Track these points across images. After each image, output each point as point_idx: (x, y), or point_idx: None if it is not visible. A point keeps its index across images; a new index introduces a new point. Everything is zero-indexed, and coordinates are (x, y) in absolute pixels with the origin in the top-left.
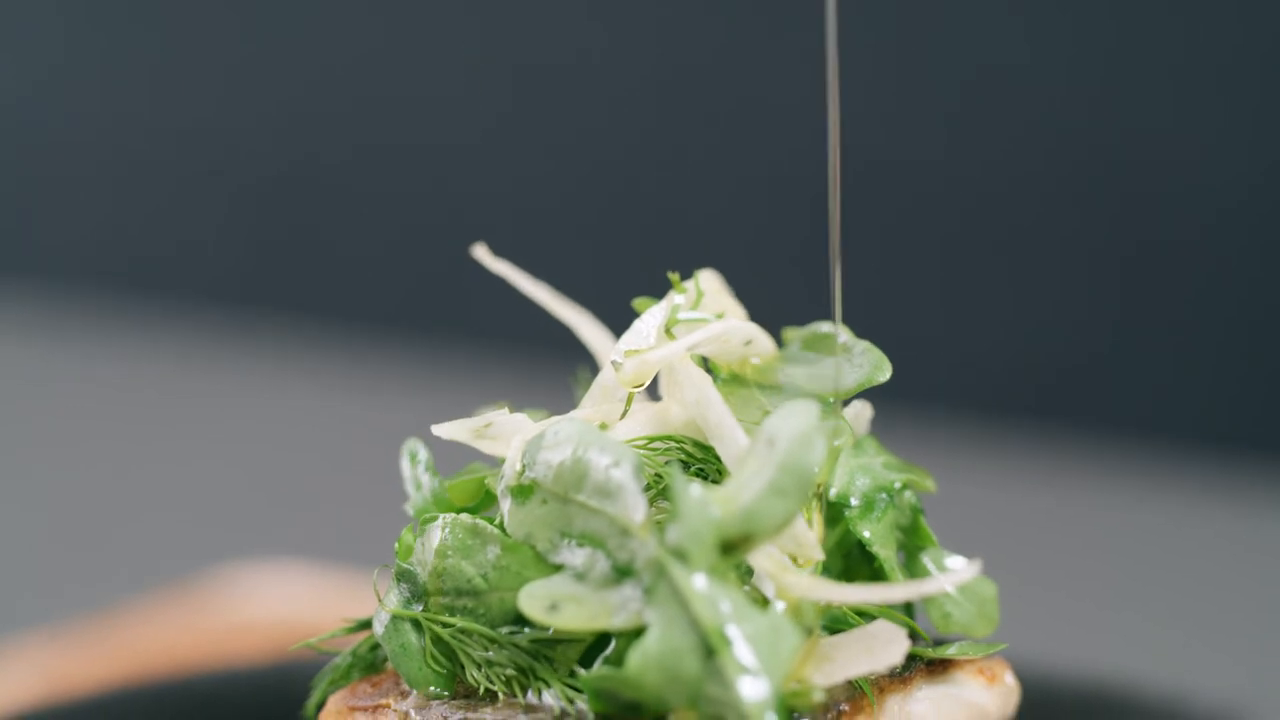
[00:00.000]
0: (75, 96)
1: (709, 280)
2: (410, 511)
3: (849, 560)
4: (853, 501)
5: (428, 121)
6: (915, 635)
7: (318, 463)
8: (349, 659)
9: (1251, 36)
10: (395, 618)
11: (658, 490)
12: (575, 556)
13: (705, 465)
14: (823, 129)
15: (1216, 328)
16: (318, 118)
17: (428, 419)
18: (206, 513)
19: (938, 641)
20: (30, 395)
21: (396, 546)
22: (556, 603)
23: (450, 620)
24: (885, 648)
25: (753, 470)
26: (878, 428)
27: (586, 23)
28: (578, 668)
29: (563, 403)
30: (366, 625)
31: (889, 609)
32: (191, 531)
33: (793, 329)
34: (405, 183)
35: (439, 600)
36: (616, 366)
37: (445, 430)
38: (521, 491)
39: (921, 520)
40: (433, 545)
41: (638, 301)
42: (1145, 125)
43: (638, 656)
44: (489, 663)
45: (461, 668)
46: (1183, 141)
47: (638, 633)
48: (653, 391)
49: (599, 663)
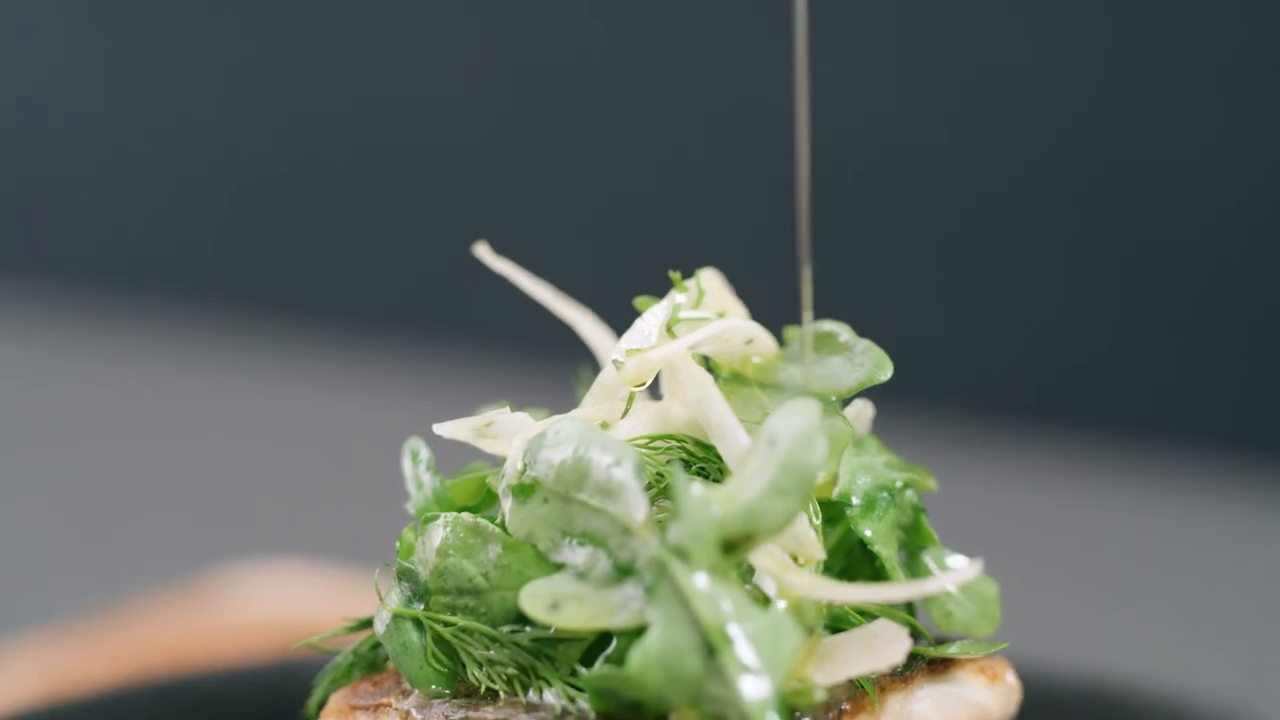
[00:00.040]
0: (75, 96)
1: (710, 279)
2: (411, 510)
3: (850, 559)
4: (854, 500)
5: (428, 121)
6: (917, 634)
7: (318, 462)
8: (350, 658)
9: (1251, 36)
10: (396, 616)
11: (659, 489)
12: (576, 555)
13: (706, 464)
14: (822, 129)
15: (1216, 328)
16: (318, 118)
17: (428, 418)
18: (206, 513)
19: (939, 640)
20: (30, 395)
21: (398, 545)
22: (558, 602)
23: (451, 619)
24: (887, 647)
25: (754, 469)
26: (879, 427)
27: (586, 23)
28: (579, 667)
29: (564, 402)
30: (368, 624)
31: (890, 608)
32: (191, 531)
33: (794, 328)
34: (405, 183)
35: (440, 599)
36: (618, 365)
37: (446, 429)
38: (523, 490)
39: (923, 519)
40: (434, 544)
41: (639, 300)
42: (1145, 125)
43: (639, 655)
44: (490, 661)
45: (463, 666)
46: (1183, 141)
47: (639, 632)
48: (654, 390)
49: (600, 662)
